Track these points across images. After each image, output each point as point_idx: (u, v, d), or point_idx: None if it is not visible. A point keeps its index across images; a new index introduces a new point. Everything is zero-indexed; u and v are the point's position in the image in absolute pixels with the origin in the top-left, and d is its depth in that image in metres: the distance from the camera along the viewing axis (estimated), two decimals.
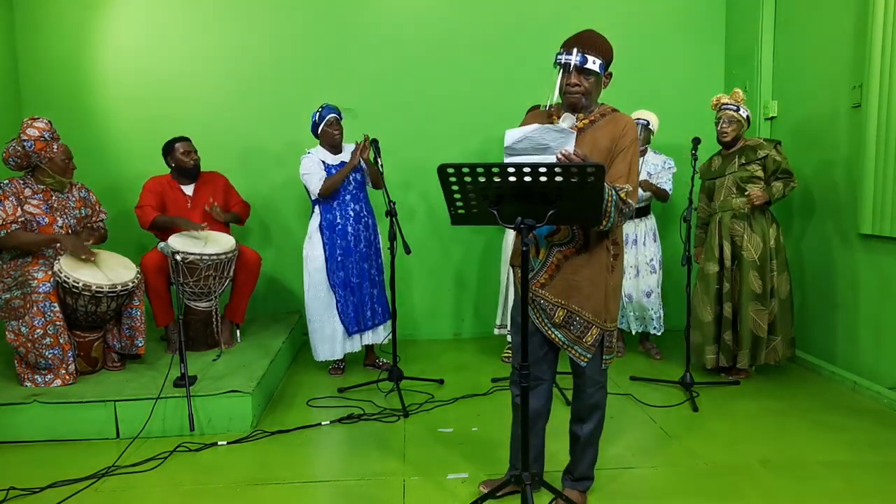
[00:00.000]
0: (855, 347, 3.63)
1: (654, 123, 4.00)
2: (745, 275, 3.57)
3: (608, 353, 2.22)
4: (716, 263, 3.65)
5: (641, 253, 4.08)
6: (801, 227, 4.09)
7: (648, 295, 4.08)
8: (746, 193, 3.56)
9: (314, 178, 3.67)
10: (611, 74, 2.17)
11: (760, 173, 3.56)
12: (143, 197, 3.83)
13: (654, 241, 4.12)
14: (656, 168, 4.04)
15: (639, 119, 3.94)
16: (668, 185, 4.04)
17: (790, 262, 3.70)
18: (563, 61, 2.09)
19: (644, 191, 3.95)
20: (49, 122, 3.29)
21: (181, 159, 3.85)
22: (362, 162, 3.79)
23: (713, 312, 3.66)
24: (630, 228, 4.07)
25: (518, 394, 2.28)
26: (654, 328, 4.14)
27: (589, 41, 2.07)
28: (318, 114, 3.73)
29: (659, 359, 4.17)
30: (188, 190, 3.93)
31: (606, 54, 2.10)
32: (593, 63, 2.06)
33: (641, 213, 4.10)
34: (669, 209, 4.65)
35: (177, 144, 3.87)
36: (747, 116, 3.60)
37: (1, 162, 3.31)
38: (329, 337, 3.78)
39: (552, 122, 2.13)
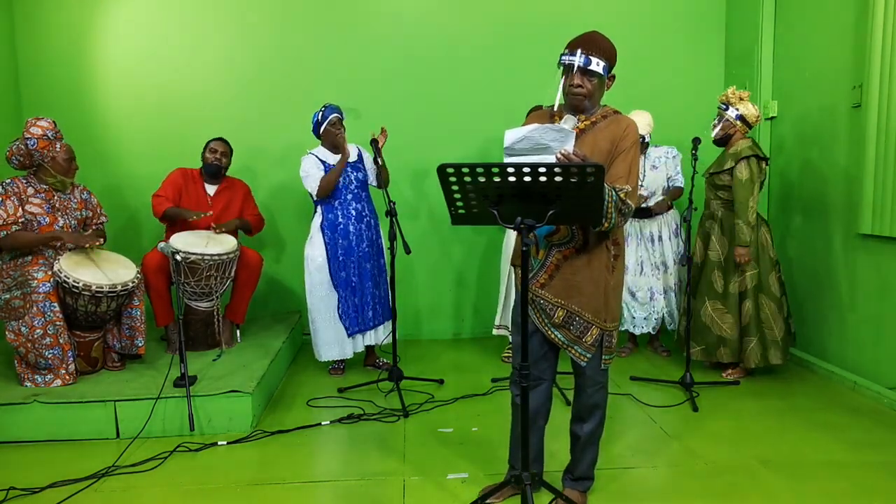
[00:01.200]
0: (855, 347, 3.62)
1: (647, 126, 3.93)
2: (709, 273, 3.63)
3: (608, 353, 2.22)
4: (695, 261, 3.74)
5: (668, 248, 4.08)
6: (801, 228, 4.08)
7: (673, 291, 4.10)
8: (735, 258, 3.52)
9: (312, 180, 3.67)
10: (614, 76, 2.17)
11: (730, 182, 3.54)
12: (163, 187, 3.85)
13: (677, 235, 4.11)
14: (661, 160, 4.03)
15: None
16: (678, 179, 4.08)
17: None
18: (566, 62, 2.09)
19: (668, 200, 4.03)
20: (53, 121, 3.29)
21: (206, 156, 3.90)
22: (366, 160, 3.79)
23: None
24: (654, 227, 4.07)
25: (518, 394, 2.28)
26: (672, 324, 4.15)
27: (593, 43, 2.08)
28: (320, 113, 3.73)
29: (666, 356, 4.18)
30: (211, 189, 3.95)
31: (610, 56, 2.10)
32: (597, 65, 2.06)
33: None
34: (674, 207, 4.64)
35: (211, 142, 3.94)
36: (738, 116, 3.53)
37: (4, 161, 3.32)
38: (336, 338, 3.78)
39: (553, 123, 2.13)
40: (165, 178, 3.87)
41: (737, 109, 3.54)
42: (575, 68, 2.07)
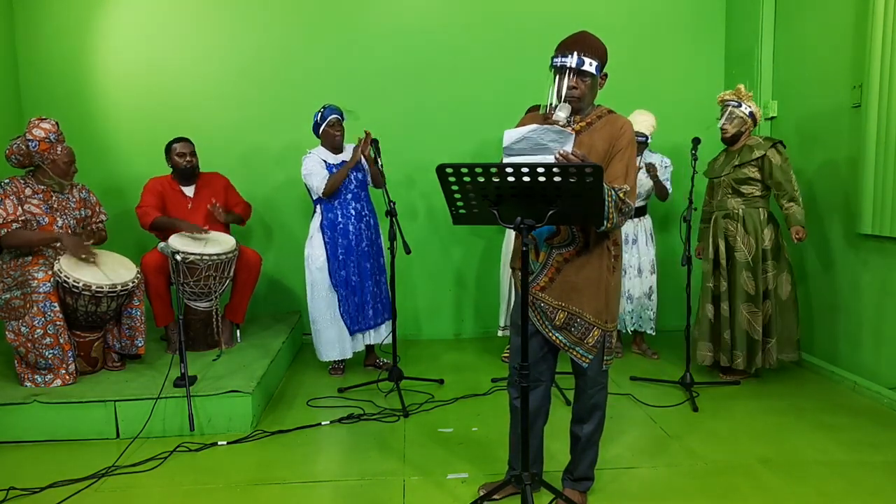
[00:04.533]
0: (855, 347, 3.62)
1: (649, 127, 3.93)
2: (738, 275, 3.56)
3: (608, 354, 2.22)
4: (710, 263, 3.68)
5: (644, 253, 4.08)
6: None
7: (649, 295, 4.08)
8: (794, 236, 3.45)
9: (317, 178, 3.66)
10: (606, 75, 2.17)
11: (757, 175, 3.52)
12: (144, 198, 3.83)
13: (652, 241, 4.12)
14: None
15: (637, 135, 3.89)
16: (668, 185, 4.03)
17: (791, 262, 3.68)
18: (559, 64, 2.08)
19: (648, 176, 3.93)
20: (56, 123, 3.28)
21: (175, 160, 3.85)
22: (363, 160, 3.79)
23: (711, 311, 3.67)
24: (630, 228, 4.06)
25: (516, 396, 2.28)
26: (651, 329, 4.14)
27: (584, 43, 2.07)
28: (319, 114, 3.73)
29: (656, 358, 4.17)
30: (188, 191, 3.92)
31: (602, 55, 2.10)
32: (590, 65, 2.06)
33: (640, 212, 4.10)
34: (670, 208, 4.65)
35: (174, 145, 3.87)
36: (750, 113, 3.53)
37: (2, 159, 3.31)
38: (337, 337, 3.78)
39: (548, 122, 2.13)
40: (143, 190, 3.85)
41: (749, 107, 3.54)
42: (568, 70, 2.07)
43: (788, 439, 2.93)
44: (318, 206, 3.78)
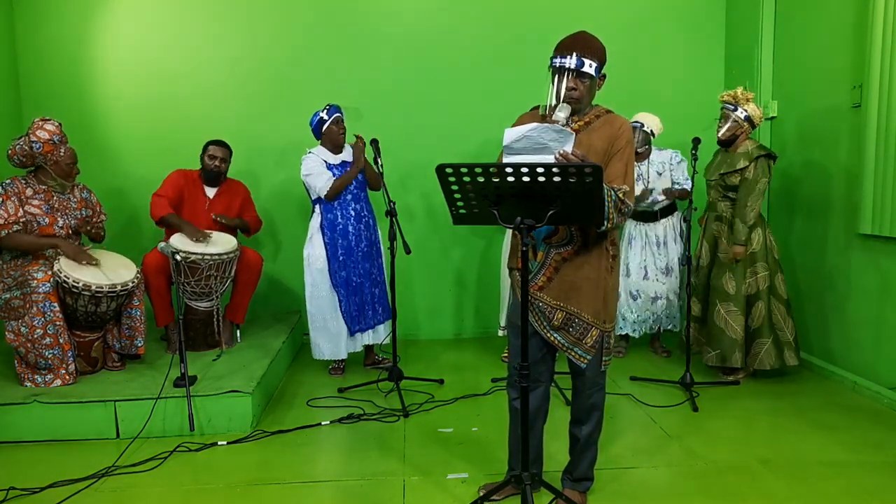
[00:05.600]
0: (855, 347, 3.62)
1: (656, 127, 3.96)
2: (720, 275, 3.59)
3: (607, 354, 2.22)
4: (696, 262, 3.71)
5: (672, 251, 4.07)
6: (801, 228, 4.08)
7: (677, 294, 4.09)
8: (732, 255, 3.53)
9: (320, 179, 3.66)
10: (605, 76, 2.17)
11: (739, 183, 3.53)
12: (164, 186, 3.77)
13: (680, 238, 4.09)
14: (664, 166, 4.02)
15: (636, 122, 3.92)
16: (686, 183, 3.96)
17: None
18: (558, 65, 2.08)
19: (668, 199, 3.99)
20: (59, 124, 3.28)
21: (205, 161, 3.88)
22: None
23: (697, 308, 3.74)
24: (660, 230, 4.06)
25: (516, 396, 2.28)
26: (674, 326, 4.15)
27: (584, 44, 2.07)
28: (324, 112, 3.73)
29: (667, 356, 4.18)
30: (210, 192, 3.93)
31: (601, 56, 2.09)
32: (589, 66, 2.06)
33: (668, 211, 4.08)
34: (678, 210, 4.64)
35: (210, 147, 3.89)
36: (746, 117, 3.52)
37: (3, 159, 3.31)
38: (334, 336, 3.79)
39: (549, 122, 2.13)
40: (166, 178, 3.84)
41: (745, 110, 3.52)
42: (567, 71, 2.06)
43: (788, 439, 2.93)
44: (318, 207, 3.78)
